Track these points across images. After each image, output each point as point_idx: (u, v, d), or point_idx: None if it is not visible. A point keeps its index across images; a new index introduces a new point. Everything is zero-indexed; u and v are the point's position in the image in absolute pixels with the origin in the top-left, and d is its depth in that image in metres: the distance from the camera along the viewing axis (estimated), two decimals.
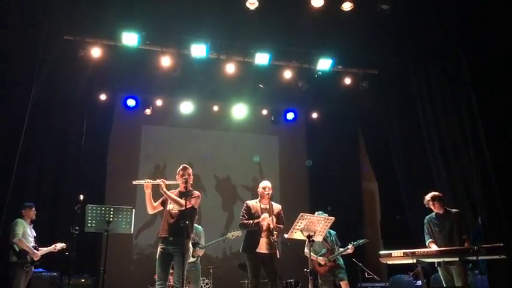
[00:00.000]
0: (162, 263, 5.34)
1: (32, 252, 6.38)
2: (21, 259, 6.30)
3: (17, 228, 6.37)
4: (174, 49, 8.29)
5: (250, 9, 6.91)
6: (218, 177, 10.80)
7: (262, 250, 5.56)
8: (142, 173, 9.93)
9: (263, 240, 5.59)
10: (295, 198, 10.38)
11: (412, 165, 8.93)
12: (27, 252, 6.36)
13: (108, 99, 9.67)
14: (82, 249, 6.29)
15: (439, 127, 7.99)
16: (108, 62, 8.25)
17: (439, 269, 5.76)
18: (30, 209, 6.63)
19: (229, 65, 8.56)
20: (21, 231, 6.37)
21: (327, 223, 5.45)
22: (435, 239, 5.80)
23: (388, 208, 9.96)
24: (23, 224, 6.47)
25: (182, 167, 5.63)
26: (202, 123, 10.56)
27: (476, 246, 5.26)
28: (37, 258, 6.42)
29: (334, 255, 7.20)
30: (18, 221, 6.45)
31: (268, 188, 5.78)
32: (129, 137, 10.39)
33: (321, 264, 7.21)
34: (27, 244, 6.36)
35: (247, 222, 5.67)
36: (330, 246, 7.28)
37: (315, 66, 8.69)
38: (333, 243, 7.32)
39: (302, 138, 11.45)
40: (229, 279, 8.84)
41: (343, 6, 7.01)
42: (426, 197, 5.90)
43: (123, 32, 7.72)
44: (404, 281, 7.80)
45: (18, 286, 6.21)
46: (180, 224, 5.20)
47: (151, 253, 9.11)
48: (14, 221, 6.44)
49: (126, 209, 5.53)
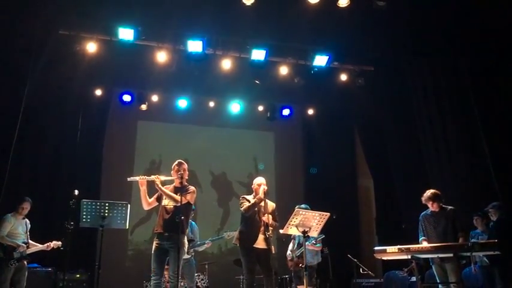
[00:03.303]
0: (158, 259, 5.33)
1: (17, 245, 6.24)
2: (6, 255, 6.18)
3: (2, 225, 6.23)
4: (170, 44, 8.27)
5: (246, 4, 6.91)
6: (214, 173, 10.80)
7: (259, 245, 5.56)
8: (137, 168, 9.92)
9: (260, 236, 5.59)
10: (290, 194, 10.38)
11: (407, 162, 8.96)
12: (14, 248, 6.24)
13: (104, 95, 9.63)
14: (77, 245, 6.25)
15: (434, 124, 8.02)
16: (104, 57, 8.21)
17: (433, 265, 5.78)
18: (24, 204, 6.43)
19: (226, 61, 8.55)
20: (6, 229, 6.24)
21: (322, 219, 5.45)
22: (429, 236, 5.80)
23: (384, 205, 9.99)
24: (11, 220, 6.32)
25: (177, 162, 5.62)
26: (198, 119, 10.55)
27: (470, 242, 5.29)
28: (22, 249, 6.27)
29: (299, 250, 7.13)
30: (6, 218, 6.30)
31: (263, 184, 5.77)
32: (124, 132, 10.38)
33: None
34: (11, 241, 6.21)
35: (250, 205, 5.59)
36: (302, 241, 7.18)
37: (311, 62, 8.69)
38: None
39: (298, 135, 11.47)
40: (224, 275, 8.85)
41: (340, 3, 7.01)
42: (425, 195, 5.89)
43: (119, 27, 7.70)
44: (399, 277, 7.83)
45: (3, 283, 6.10)
46: (176, 219, 5.20)
47: (146, 249, 9.13)
48: (2, 217, 6.30)
49: (121, 204, 5.51)
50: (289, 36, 8.26)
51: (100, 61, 8.27)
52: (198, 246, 7.18)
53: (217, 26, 7.90)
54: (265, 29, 7.89)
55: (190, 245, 6.93)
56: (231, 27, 7.95)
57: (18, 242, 6.28)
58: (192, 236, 7.07)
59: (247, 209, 5.59)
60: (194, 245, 7.06)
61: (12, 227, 6.31)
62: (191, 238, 7.01)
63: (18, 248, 6.26)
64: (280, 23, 7.68)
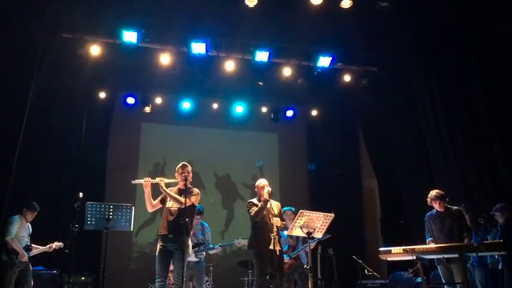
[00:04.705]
0: (162, 261, 5.33)
1: (22, 253, 6.28)
2: (10, 258, 6.22)
3: (11, 226, 6.28)
4: (173, 47, 8.28)
5: (249, 6, 6.92)
6: (218, 175, 10.80)
7: (272, 247, 5.53)
8: (142, 170, 9.94)
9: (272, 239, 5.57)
10: (295, 196, 10.36)
11: (412, 163, 8.93)
12: (17, 253, 6.26)
13: (108, 97, 9.66)
14: (82, 247, 6.25)
15: (439, 124, 7.99)
16: (108, 60, 8.24)
17: (438, 266, 5.76)
18: (31, 212, 6.55)
19: (229, 63, 8.56)
20: (15, 230, 6.29)
21: (326, 220, 5.44)
22: (435, 237, 5.79)
23: (388, 206, 9.96)
24: (19, 222, 6.39)
25: (181, 164, 5.61)
26: (201, 120, 10.55)
27: (475, 243, 5.26)
28: (24, 259, 6.29)
29: (295, 252, 7.05)
30: (14, 219, 6.37)
31: (266, 185, 5.75)
32: (128, 134, 10.39)
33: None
34: (18, 245, 6.26)
35: (257, 209, 5.56)
36: (293, 243, 7.11)
37: (315, 63, 8.68)
38: (296, 241, 7.09)
39: (302, 136, 11.45)
40: (229, 277, 8.84)
41: (343, 4, 7.01)
42: (430, 195, 5.87)
43: (123, 29, 7.72)
44: (404, 278, 7.80)
45: (8, 286, 6.13)
46: (180, 221, 5.20)
47: (151, 251, 9.11)
48: (10, 219, 6.36)
49: (125, 207, 5.51)
50: (293, 38, 8.26)
51: (104, 64, 8.30)
52: (207, 250, 7.13)
53: (221, 28, 7.91)
54: (269, 30, 7.89)
55: (201, 248, 6.92)
56: (234, 29, 7.96)
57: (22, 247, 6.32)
58: (202, 239, 7.04)
59: (256, 214, 5.57)
60: (204, 248, 7.00)
61: (17, 229, 6.37)
62: (201, 241, 6.99)
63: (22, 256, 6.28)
64: (283, 24, 7.68)
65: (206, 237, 7.15)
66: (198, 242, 6.87)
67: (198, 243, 6.85)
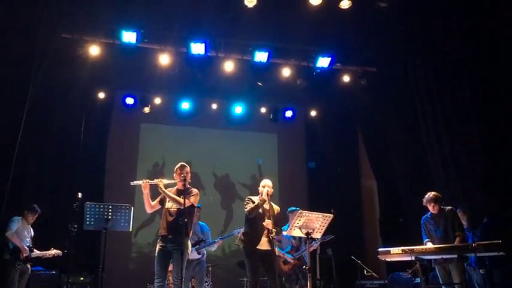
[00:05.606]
0: (161, 261, 5.34)
1: (23, 248, 6.31)
2: (13, 256, 6.25)
3: (11, 224, 6.33)
4: (172, 47, 8.28)
5: (248, 7, 6.92)
6: (217, 175, 10.80)
7: (262, 247, 5.56)
8: (141, 171, 9.94)
9: (263, 238, 5.59)
10: (294, 196, 10.37)
11: (411, 163, 8.92)
12: (20, 249, 6.31)
13: (107, 98, 9.65)
14: (81, 248, 6.26)
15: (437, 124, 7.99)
16: (107, 60, 8.23)
17: (436, 266, 5.76)
18: (33, 214, 6.59)
19: (228, 63, 8.56)
20: (15, 228, 6.33)
21: (325, 220, 5.45)
22: (432, 239, 5.80)
23: (387, 206, 9.96)
24: (20, 222, 6.44)
25: (180, 165, 5.61)
26: (200, 121, 10.54)
27: (474, 243, 5.27)
28: (26, 254, 6.32)
29: (299, 252, 7.08)
30: (15, 219, 6.42)
31: (269, 186, 5.76)
32: (127, 135, 10.39)
33: (287, 261, 7.15)
34: (18, 240, 6.29)
35: (253, 206, 5.60)
36: (296, 243, 7.13)
37: (314, 64, 8.68)
38: (299, 241, 7.10)
39: (301, 136, 11.46)
40: (228, 278, 8.85)
41: (342, 4, 7.02)
42: (426, 197, 5.88)
43: (122, 30, 7.71)
44: (403, 279, 7.80)
45: (12, 284, 6.17)
46: (179, 221, 5.20)
47: (150, 251, 9.10)
48: (11, 218, 6.41)
49: (124, 207, 5.52)
50: (292, 38, 8.26)
51: (103, 64, 8.30)
52: (208, 246, 7.12)
53: (220, 28, 7.91)
54: (268, 30, 7.90)
55: (201, 245, 6.93)
56: (233, 30, 7.96)
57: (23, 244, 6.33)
58: (203, 237, 7.04)
59: (250, 211, 5.60)
60: (204, 245, 7.02)
61: (18, 229, 6.39)
62: (202, 239, 6.99)
63: (23, 250, 6.30)
64: (282, 24, 7.69)
65: (206, 236, 7.16)
66: (198, 240, 6.87)
67: (198, 241, 6.85)
